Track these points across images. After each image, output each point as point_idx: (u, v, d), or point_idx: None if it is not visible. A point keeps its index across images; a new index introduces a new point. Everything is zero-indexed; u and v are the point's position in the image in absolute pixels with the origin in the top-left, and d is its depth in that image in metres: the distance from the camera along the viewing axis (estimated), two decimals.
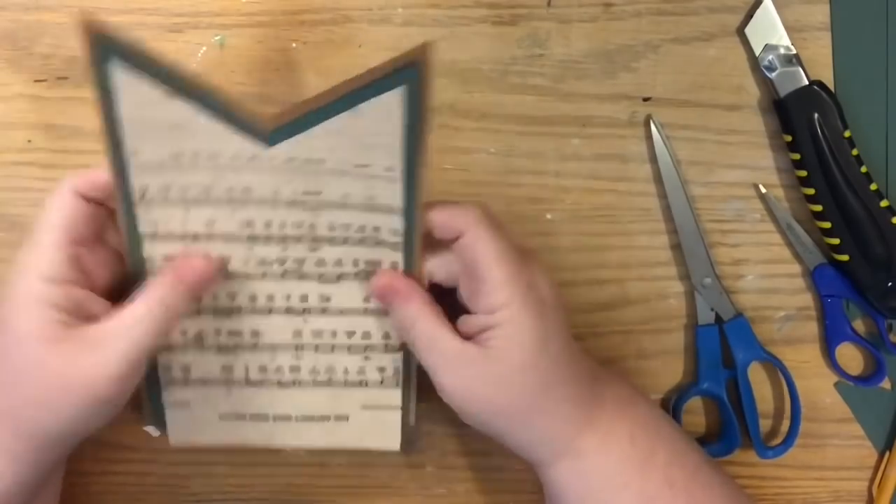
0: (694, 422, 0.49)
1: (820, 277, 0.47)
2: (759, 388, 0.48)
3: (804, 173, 0.45)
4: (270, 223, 0.39)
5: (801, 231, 0.47)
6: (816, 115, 0.44)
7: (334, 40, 0.45)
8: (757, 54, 0.45)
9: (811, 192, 0.45)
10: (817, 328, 0.48)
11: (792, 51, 0.45)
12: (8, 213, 0.45)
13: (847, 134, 0.45)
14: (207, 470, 0.47)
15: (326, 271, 0.40)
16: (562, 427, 0.38)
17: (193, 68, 0.45)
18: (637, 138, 0.47)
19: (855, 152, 0.45)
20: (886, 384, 0.48)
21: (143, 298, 0.37)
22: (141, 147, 0.36)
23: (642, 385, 0.48)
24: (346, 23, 0.45)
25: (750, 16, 0.45)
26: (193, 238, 0.39)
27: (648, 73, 0.46)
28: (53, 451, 0.38)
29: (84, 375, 0.35)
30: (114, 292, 0.39)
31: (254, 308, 0.41)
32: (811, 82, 0.45)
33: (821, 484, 0.49)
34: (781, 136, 0.46)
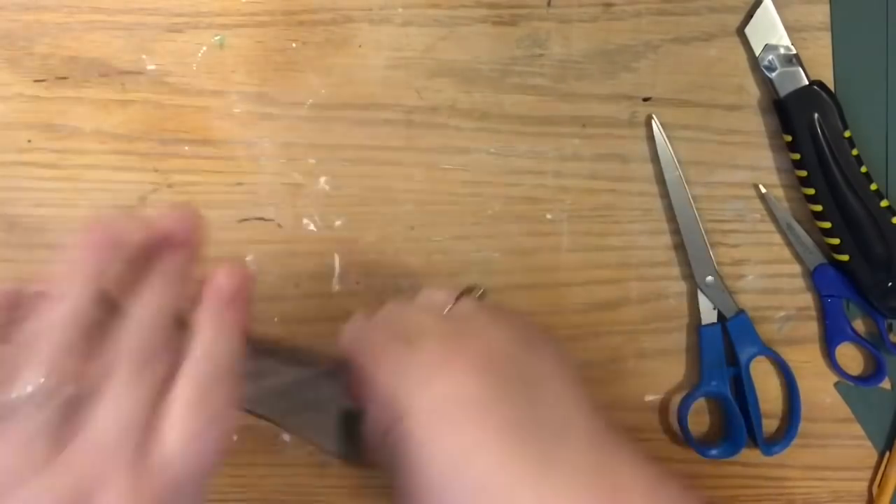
0: (698, 422, 0.48)
1: (820, 277, 0.47)
2: (760, 386, 0.48)
3: (804, 173, 0.45)
4: None
5: (801, 231, 0.47)
6: (816, 115, 0.44)
7: (334, 40, 0.45)
8: (757, 54, 0.45)
9: (811, 192, 0.45)
10: (817, 328, 0.48)
11: (792, 51, 0.45)
12: (8, 213, 0.45)
13: (847, 134, 0.45)
14: None
15: None
16: None
17: (193, 69, 0.45)
18: (637, 138, 0.47)
19: (855, 152, 0.45)
20: (886, 384, 0.48)
21: None
22: None
23: (642, 385, 0.48)
24: (346, 23, 0.45)
25: (750, 16, 0.45)
26: None
27: (648, 73, 0.46)
28: None
29: None
30: None
31: None
32: (811, 82, 0.45)
33: (821, 484, 0.49)
34: (781, 136, 0.46)
